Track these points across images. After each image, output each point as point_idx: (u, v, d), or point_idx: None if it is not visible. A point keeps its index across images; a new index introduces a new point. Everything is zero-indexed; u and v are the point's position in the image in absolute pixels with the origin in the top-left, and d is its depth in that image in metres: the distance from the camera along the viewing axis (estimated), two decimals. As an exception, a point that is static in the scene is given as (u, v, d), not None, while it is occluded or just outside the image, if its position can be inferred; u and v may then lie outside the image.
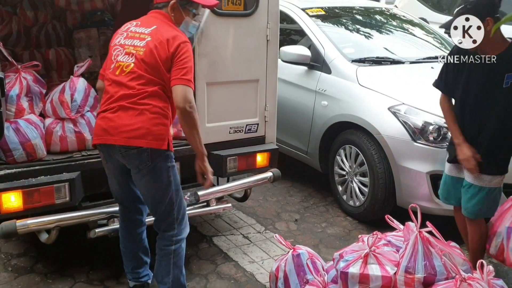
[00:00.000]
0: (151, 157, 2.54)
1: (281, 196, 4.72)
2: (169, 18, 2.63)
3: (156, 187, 2.62)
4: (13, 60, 3.01)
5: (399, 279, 2.54)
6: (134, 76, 2.53)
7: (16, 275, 3.26)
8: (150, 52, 2.51)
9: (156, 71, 2.53)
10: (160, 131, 2.54)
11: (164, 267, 2.68)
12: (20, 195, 2.76)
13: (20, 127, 2.88)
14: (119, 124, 2.52)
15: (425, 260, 2.53)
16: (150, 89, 2.52)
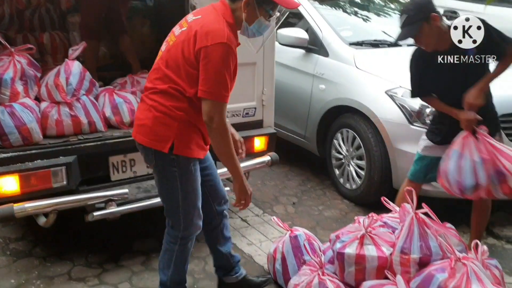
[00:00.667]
0: (155, 158, 2.40)
1: (279, 180, 4.74)
2: (227, 12, 2.30)
3: (162, 188, 2.51)
4: (6, 43, 2.99)
5: (395, 259, 2.56)
6: (155, 67, 2.40)
7: (15, 258, 3.28)
8: (178, 44, 2.29)
9: (176, 67, 2.29)
10: (163, 132, 2.32)
11: (166, 260, 2.60)
12: (17, 179, 2.76)
13: (15, 111, 2.87)
14: (137, 115, 2.48)
15: (420, 241, 2.55)
16: (161, 87, 2.32)
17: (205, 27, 2.22)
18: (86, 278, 3.10)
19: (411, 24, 2.92)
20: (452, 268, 2.34)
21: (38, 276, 3.10)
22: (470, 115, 2.90)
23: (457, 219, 3.28)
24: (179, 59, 2.27)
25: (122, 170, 3.25)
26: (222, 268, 2.90)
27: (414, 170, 3.27)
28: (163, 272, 2.63)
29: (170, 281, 2.62)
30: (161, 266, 2.65)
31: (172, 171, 2.39)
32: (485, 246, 2.48)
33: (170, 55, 2.32)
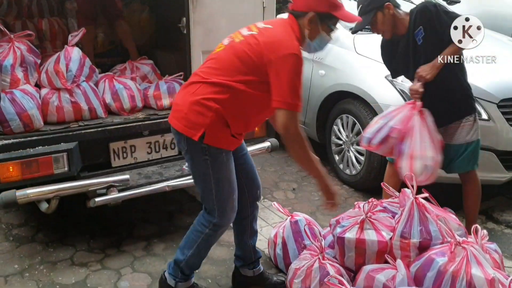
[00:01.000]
0: (187, 145, 2.37)
1: (279, 166, 4.75)
2: (296, 27, 2.31)
3: (195, 173, 2.49)
4: (5, 29, 2.98)
5: (395, 243, 2.59)
6: (213, 57, 2.38)
7: (18, 244, 3.30)
8: (246, 45, 2.27)
9: (236, 66, 2.28)
10: (197, 120, 2.30)
11: (191, 240, 2.57)
12: (19, 166, 2.77)
13: (16, 97, 2.87)
14: (176, 99, 2.47)
15: (420, 226, 2.57)
16: (213, 80, 2.29)
17: (277, 37, 2.24)
18: (89, 263, 3.13)
19: (365, 14, 3.04)
20: (452, 252, 2.36)
21: (41, 261, 3.12)
22: (415, 86, 3.05)
23: (457, 204, 3.30)
24: (243, 57, 2.26)
25: (123, 156, 3.26)
26: (242, 259, 2.87)
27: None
28: (182, 251, 2.59)
29: (186, 262, 2.58)
30: (182, 245, 2.61)
31: (204, 159, 2.37)
32: (485, 230, 2.50)
33: (235, 51, 2.30)
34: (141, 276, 3.02)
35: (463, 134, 3.10)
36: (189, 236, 2.60)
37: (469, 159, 3.15)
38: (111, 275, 3.01)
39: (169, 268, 2.64)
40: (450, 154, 3.16)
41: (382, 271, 2.53)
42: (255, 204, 2.78)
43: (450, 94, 3.09)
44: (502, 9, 6.64)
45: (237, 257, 2.90)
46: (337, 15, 2.32)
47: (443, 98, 3.09)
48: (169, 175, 3.27)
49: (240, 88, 2.27)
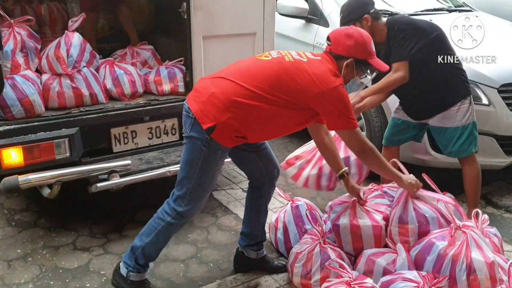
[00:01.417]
0: (191, 129, 2.37)
1: (279, 152, 4.75)
2: (334, 66, 2.41)
3: (184, 157, 2.46)
4: (5, 14, 2.96)
5: (393, 230, 2.61)
6: (255, 63, 2.40)
7: (20, 229, 3.32)
8: (295, 68, 2.32)
9: (278, 82, 2.30)
10: (213, 111, 2.31)
11: (150, 227, 2.54)
12: (21, 151, 2.77)
13: (17, 83, 2.86)
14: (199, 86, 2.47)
15: (415, 211, 2.58)
16: (246, 85, 2.30)
17: (326, 72, 2.34)
18: (91, 248, 3.15)
19: (344, 24, 3.12)
20: (452, 236, 2.39)
21: (44, 246, 3.15)
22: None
23: (457, 189, 3.32)
24: (288, 79, 2.30)
25: (124, 141, 3.27)
26: (249, 237, 2.87)
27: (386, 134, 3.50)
28: (140, 238, 2.55)
29: (142, 249, 2.52)
30: (142, 231, 2.57)
31: (201, 149, 2.37)
32: (486, 215, 2.52)
33: (282, 68, 2.33)
34: (143, 260, 3.04)
35: (459, 118, 3.13)
36: (150, 223, 2.56)
37: (469, 143, 3.16)
38: (113, 260, 3.03)
39: (125, 256, 2.59)
40: (447, 138, 3.19)
41: (383, 255, 2.56)
42: (273, 183, 2.84)
43: (444, 83, 3.13)
44: (503, 7, 6.59)
45: (244, 235, 2.90)
46: (372, 62, 2.45)
47: (438, 87, 3.13)
48: (170, 160, 3.28)
49: (269, 103, 2.30)
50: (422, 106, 3.23)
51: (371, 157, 2.49)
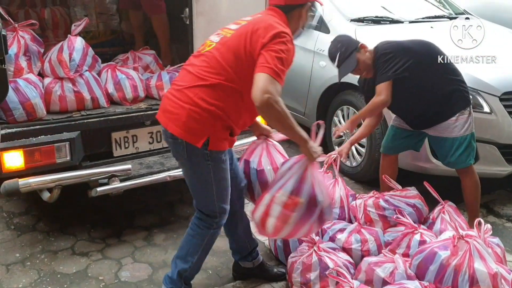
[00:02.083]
0: (187, 152, 2.30)
1: (278, 157, 4.74)
2: (283, 19, 2.31)
3: (194, 181, 2.42)
4: (10, 18, 2.96)
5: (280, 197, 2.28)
6: (206, 59, 2.27)
7: (19, 233, 3.31)
8: (239, 36, 2.22)
9: (233, 59, 2.21)
10: (199, 128, 2.24)
11: (194, 245, 2.51)
12: (22, 154, 2.77)
13: (19, 86, 2.86)
14: (167, 104, 2.33)
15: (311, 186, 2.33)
16: (213, 80, 2.22)
17: (269, 22, 2.22)
18: (90, 252, 3.14)
19: (346, 59, 3.17)
20: (454, 246, 2.37)
21: (42, 250, 3.13)
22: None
23: (459, 197, 3.31)
24: (237, 51, 2.21)
25: (125, 146, 3.26)
26: (239, 252, 2.86)
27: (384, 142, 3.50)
28: (185, 260, 2.51)
29: (191, 269, 2.53)
30: (183, 253, 2.53)
31: (206, 165, 2.31)
32: (489, 224, 2.51)
33: (228, 47, 2.24)
34: (142, 266, 3.03)
35: (457, 128, 3.13)
36: (189, 242, 2.53)
37: (467, 155, 3.16)
38: (112, 265, 3.02)
39: (168, 283, 2.56)
40: (445, 148, 3.19)
41: (383, 264, 2.54)
42: (242, 197, 2.75)
43: (442, 97, 3.12)
44: (503, 1, 6.62)
45: (233, 250, 2.89)
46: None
47: (436, 101, 3.12)
48: (170, 165, 3.26)
49: (237, 85, 2.23)
50: (418, 118, 3.22)
51: (279, 110, 2.09)
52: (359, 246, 2.87)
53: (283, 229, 2.31)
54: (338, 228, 3.01)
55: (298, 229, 2.33)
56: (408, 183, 3.33)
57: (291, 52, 2.19)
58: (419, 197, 3.15)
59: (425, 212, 3.14)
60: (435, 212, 3.10)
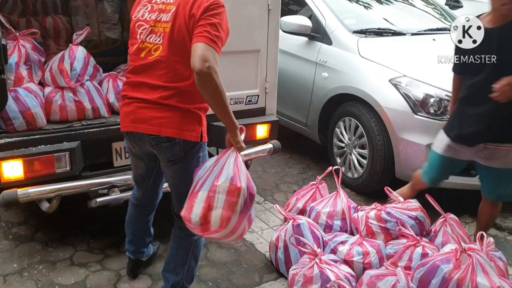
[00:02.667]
0: (184, 150, 2.33)
1: (279, 168, 4.74)
2: None
3: (184, 177, 2.41)
4: (11, 27, 2.96)
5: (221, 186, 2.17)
6: (163, 64, 2.24)
7: (17, 243, 3.28)
8: (178, 27, 2.19)
9: (185, 52, 2.17)
10: (192, 123, 2.30)
11: (182, 256, 2.52)
12: (21, 164, 2.74)
13: (19, 95, 2.85)
14: (148, 116, 2.29)
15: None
16: (181, 84, 2.23)
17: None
18: (88, 263, 3.11)
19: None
20: (457, 259, 2.36)
21: (41, 261, 3.10)
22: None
23: (460, 209, 3.29)
24: (184, 40, 2.18)
25: (125, 156, 3.23)
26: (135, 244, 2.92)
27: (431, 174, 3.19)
28: (175, 272, 2.52)
29: (185, 279, 2.53)
30: (171, 267, 2.54)
31: (197, 158, 2.37)
32: (491, 238, 2.49)
33: (174, 43, 2.21)
34: (141, 277, 3.00)
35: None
36: (175, 255, 2.52)
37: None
38: (110, 276, 2.99)
39: None
40: (497, 178, 2.99)
41: (384, 277, 2.52)
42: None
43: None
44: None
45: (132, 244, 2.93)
46: None
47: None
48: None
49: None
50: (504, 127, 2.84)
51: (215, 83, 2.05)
52: (360, 259, 2.85)
53: (231, 219, 2.18)
54: (339, 240, 2.99)
55: (240, 221, 2.21)
56: (410, 195, 3.32)
57: (224, 16, 2.21)
58: (421, 209, 3.13)
59: (427, 224, 3.13)
60: (437, 224, 3.08)
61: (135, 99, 2.32)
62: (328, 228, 3.24)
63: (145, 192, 2.73)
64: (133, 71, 2.35)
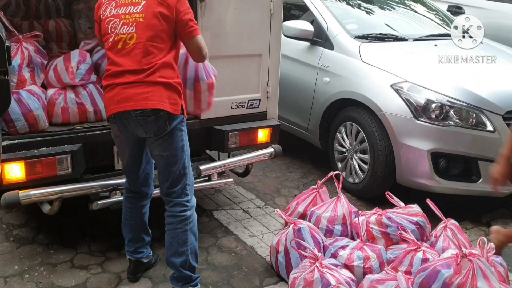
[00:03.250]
0: (169, 122, 2.51)
1: (280, 172, 4.74)
2: None
3: (171, 152, 2.57)
4: (14, 30, 2.97)
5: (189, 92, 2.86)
6: (139, 49, 2.46)
7: (18, 245, 3.28)
8: (152, 15, 2.45)
9: (161, 36, 2.47)
10: (174, 97, 2.52)
11: (180, 235, 2.61)
12: (23, 166, 2.75)
13: (22, 97, 2.86)
14: (133, 93, 2.47)
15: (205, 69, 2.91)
16: (160, 61, 2.47)
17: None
18: (89, 266, 3.11)
19: None
20: (458, 264, 2.35)
21: (41, 263, 3.10)
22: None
23: (461, 215, 3.29)
24: (162, 25, 2.46)
25: (127, 159, 3.24)
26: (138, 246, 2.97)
27: None
28: (179, 253, 2.62)
29: (191, 257, 2.64)
30: (174, 249, 2.63)
31: (181, 134, 2.58)
32: (492, 243, 2.49)
33: (150, 28, 2.45)
34: (142, 280, 2.99)
35: None
36: (175, 235, 2.64)
37: None
38: (111, 279, 2.99)
39: (176, 283, 2.68)
40: None
41: (385, 282, 2.52)
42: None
43: None
44: (506, 20, 6.65)
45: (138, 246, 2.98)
46: None
47: None
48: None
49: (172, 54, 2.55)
50: None
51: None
52: (361, 263, 2.84)
53: (212, 101, 2.96)
54: (340, 245, 2.99)
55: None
56: (410, 201, 3.31)
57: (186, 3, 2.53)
58: (422, 214, 3.13)
59: (428, 230, 3.12)
60: (437, 229, 3.08)
61: (118, 83, 2.50)
62: (328, 233, 3.24)
63: (136, 181, 2.82)
64: (113, 63, 2.53)
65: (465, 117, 3.66)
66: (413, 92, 3.78)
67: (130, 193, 2.86)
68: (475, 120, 3.63)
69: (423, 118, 3.69)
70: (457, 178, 3.74)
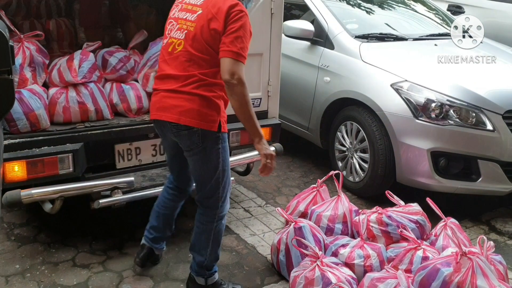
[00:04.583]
0: (202, 139, 2.47)
1: (281, 171, 4.75)
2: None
3: (204, 167, 2.56)
4: (15, 29, 2.98)
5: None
6: (184, 57, 2.45)
7: (19, 244, 3.29)
8: (201, 28, 2.40)
9: (207, 49, 2.41)
10: (211, 113, 2.45)
11: (204, 241, 2.67)
12: (24, 165, 2.76)
13: (23, 97, 2.87)
14: (171, 104, 2.47)
15: None
16: (201, 73, 2.43)
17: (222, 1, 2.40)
18: (91, 264, 3.12)
19: None
20: (457, 263, 2.36)
21: (43, 262, 3.11)
22: None
23: (461, 214, 3.30)
24: (209, 40, 2.39)
25: (128, 158, 3.26)
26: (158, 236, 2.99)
27: None
28: (200, 253, 2.70)
29: (209, 259, 2.70)
30: (197, 248, 2.71)
31: (217, 149, 2.51)
32: (491, 242, 2.50)
33: (197, 40, 2.41)
34: (143, 279, 3.01)
35: None
36: (199, 239, 2.69)
37: None
38: (113, 278, 3.00)
39: (194, 270, 2.76)
40: None
41: (385, 280, 2.53)
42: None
43: None
44: (506, 20, 6.66)
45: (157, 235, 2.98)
46: None
47: None
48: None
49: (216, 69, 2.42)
50: None
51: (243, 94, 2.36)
52: (361, 262, 2.86)
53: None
54: (341, 243, 3.00)
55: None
56: (411, 199, 3.33)
57: (247, 25, 2.38)
58: (422, 213, 3.14)
59: (428, 228, 3.14)
60: (437, 228, 3.09)
61: (161, 90, 2.53)
62: (329, 231, 3.25)
63: (177, 177, 2.88)
64: (162, 63, 2.57)
65: (465, 116, 3.67)
66: (413, 92, 3.79)
67: (171, 185, 2.92)
68: (474, 120, 3.64)
69: (423, 117, 3.70)
70: (457, 177, 3.75)
